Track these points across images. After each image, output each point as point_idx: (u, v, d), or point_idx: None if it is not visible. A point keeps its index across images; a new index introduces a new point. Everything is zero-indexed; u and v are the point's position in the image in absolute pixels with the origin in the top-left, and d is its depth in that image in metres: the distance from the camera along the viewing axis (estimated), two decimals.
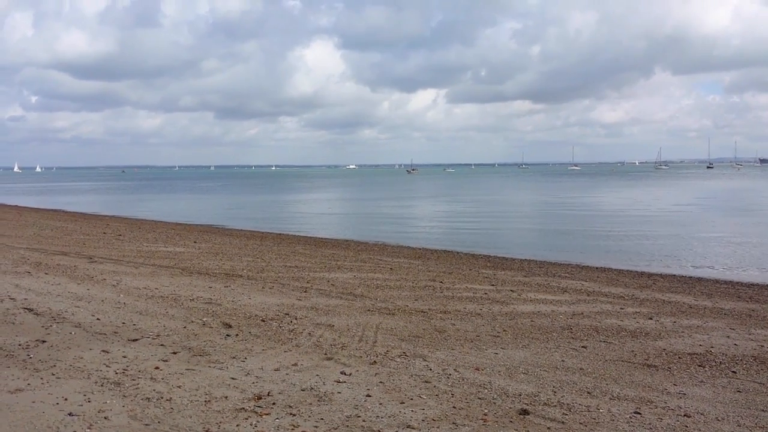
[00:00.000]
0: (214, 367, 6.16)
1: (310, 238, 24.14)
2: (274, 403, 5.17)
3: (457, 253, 19.79)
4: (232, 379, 5.80)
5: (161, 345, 6.94)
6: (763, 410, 5.62)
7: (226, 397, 5.28)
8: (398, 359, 6.72)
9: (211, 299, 9.81)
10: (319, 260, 15.78)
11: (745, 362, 7.29)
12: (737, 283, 14.60)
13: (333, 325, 8.26)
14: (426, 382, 5.93)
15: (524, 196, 63.61)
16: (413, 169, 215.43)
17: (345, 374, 6.06)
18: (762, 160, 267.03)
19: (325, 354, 6.82)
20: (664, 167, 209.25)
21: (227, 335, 7.52)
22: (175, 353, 6.62)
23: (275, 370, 6.14)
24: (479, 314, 9.53)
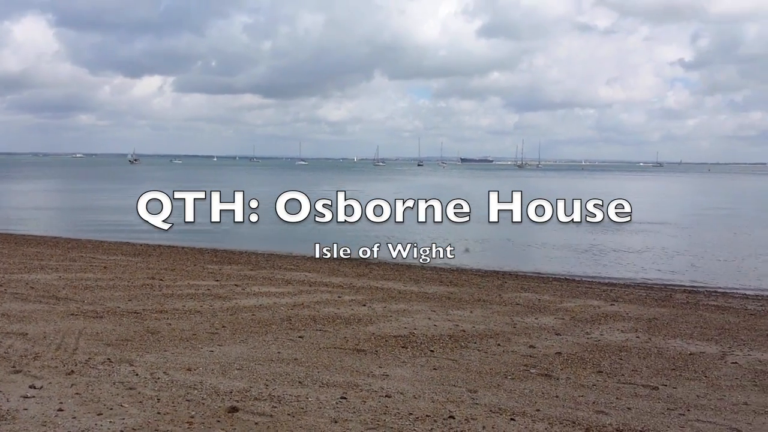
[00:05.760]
0: None
1: (10, 235, 21.33)
2: None
3: (182, 248, 18.99)
4: None
5: None
6: (454, 385, 6.18)
7: None
8: (101, 366, 6.17)
9: None
10: (19, 260, 13.97)
11: (441, 341, 8.07)
12: (440, 269, 16.20)
13: (26, 334, 7.32)
14: (130, 389, 5.51)
15: (253, 188, 63.54)
16: (135, 160, 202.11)
17: (35, 388, 5.38)
18: (463, 159, 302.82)
19: (13, 367, 6.01)
20: (381, 164, 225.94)
21: None
22: None
23: None
24: (199, 311, 9.22)
